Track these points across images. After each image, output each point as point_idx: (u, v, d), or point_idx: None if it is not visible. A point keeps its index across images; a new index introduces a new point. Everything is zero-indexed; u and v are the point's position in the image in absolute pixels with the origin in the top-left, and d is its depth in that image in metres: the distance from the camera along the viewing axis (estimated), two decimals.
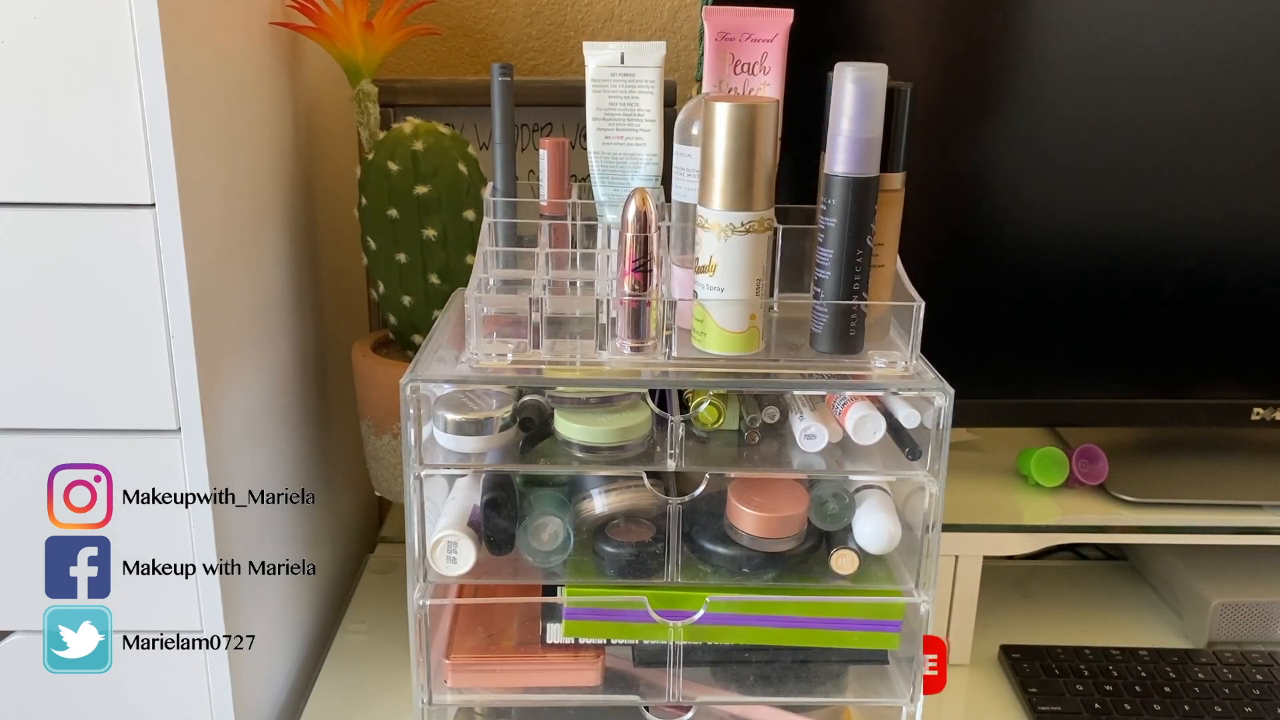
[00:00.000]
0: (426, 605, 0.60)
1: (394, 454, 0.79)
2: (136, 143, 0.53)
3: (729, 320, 0.58)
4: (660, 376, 0.59)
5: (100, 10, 0.51)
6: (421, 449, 0.58)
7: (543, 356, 0.59)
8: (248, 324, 0.67)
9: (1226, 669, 0.77)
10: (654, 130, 0.65)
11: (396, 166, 0.74)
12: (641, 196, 0.57)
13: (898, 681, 0.64)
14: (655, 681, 0.64)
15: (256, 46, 0.69)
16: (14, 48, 0.52)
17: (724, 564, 0.61)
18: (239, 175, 0.66)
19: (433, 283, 0.77)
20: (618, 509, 0.62)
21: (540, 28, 1.00)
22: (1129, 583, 0.92)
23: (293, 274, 0.76)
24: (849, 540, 0.61)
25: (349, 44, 0.75)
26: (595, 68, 0.64)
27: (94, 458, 0.59)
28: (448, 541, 0.59)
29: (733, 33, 0.62)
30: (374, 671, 0.77)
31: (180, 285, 0.56)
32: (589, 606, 0.62)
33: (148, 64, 0.52)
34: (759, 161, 0.55)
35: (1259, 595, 0.82)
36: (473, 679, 0.64)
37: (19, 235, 0.55)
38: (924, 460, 0.59)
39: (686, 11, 0.99)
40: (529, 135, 0.94)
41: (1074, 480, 0.84)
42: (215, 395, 0.60)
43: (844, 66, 0.55)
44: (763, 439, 0.62)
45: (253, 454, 0.67)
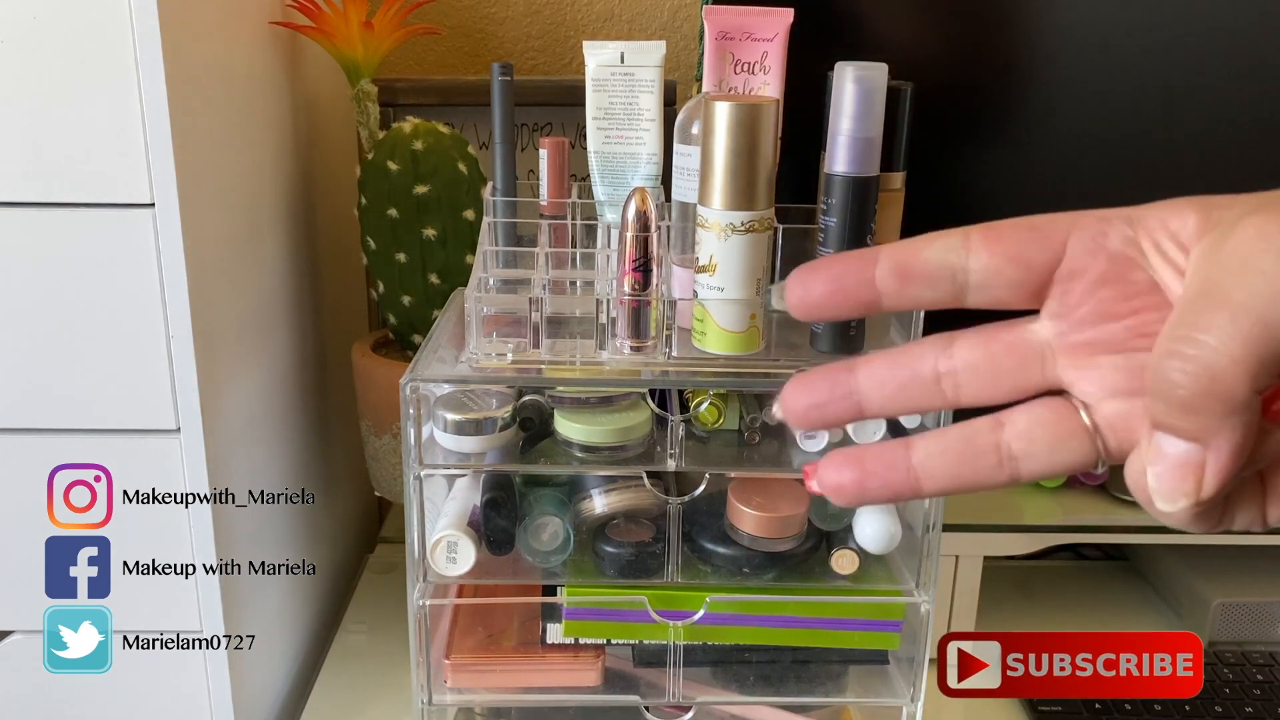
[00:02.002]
0: (426, 605, 0.60)
1: (394, 454, 0.79)
2: (136, 143, 0.53)
3: (729, 320, 0.58)
4: (660, 376, 0.59)
5: (100, 10, 0.51)
6: (421, 449, 0.58)
7: (543, 356, 0.59)
8: (247, 324, 0.67)
9: (1227, 669, 0.77)
10: (654, 130, 0.65)
11: (396, 166, 0.74)
12: (641, 196, 0.57)
13: (898, 681, 0.64)
14: (655, 681, 0.64)
15: (256, 46, 0.69)
16: (14, 47, 0.52)
17: (724, 564, 0.61)
18: (239, 175, 0.66)
19: (432, 282, 0.77)
20: (618, 509, 0.62)
21: (540, 27, 1.00)
22: (1129, 583, 0.92)
23: (292, 274, 0.76)
24: (849, 540, 0.61)
25: (349, 43, 0.75)
26: (595, 67, 0.64)
27: (94, 458, 0.59)
28: (448, 541, 0.59)
29: (733, 32, 0.62)
30: (374, 671, 0.77)
31: (180, 285, 0.56)
32: (589, 606, 0.62)
33: (147, 64, 0.52)
34: (759, 161, 0.55)
35: (1259, 595, 0.82)
36: (473, 679, 0.64)
37: (19, 235, 0.55)
38: None
39: (686, 11, 0.99)
40: (529, 135, 0.94)
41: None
42: (215, 395, 0.60)
43: (844, 66, 0.55)
44: (763, 439, 0.62)
45: (252, 454, 0.67)
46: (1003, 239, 0.29)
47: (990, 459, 0.29)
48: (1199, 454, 0.25)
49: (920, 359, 0.30)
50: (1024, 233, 0.29)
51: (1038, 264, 0.28)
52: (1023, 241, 0.29)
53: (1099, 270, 0.28)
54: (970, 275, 0.29)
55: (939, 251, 0.29)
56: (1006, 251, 0.29)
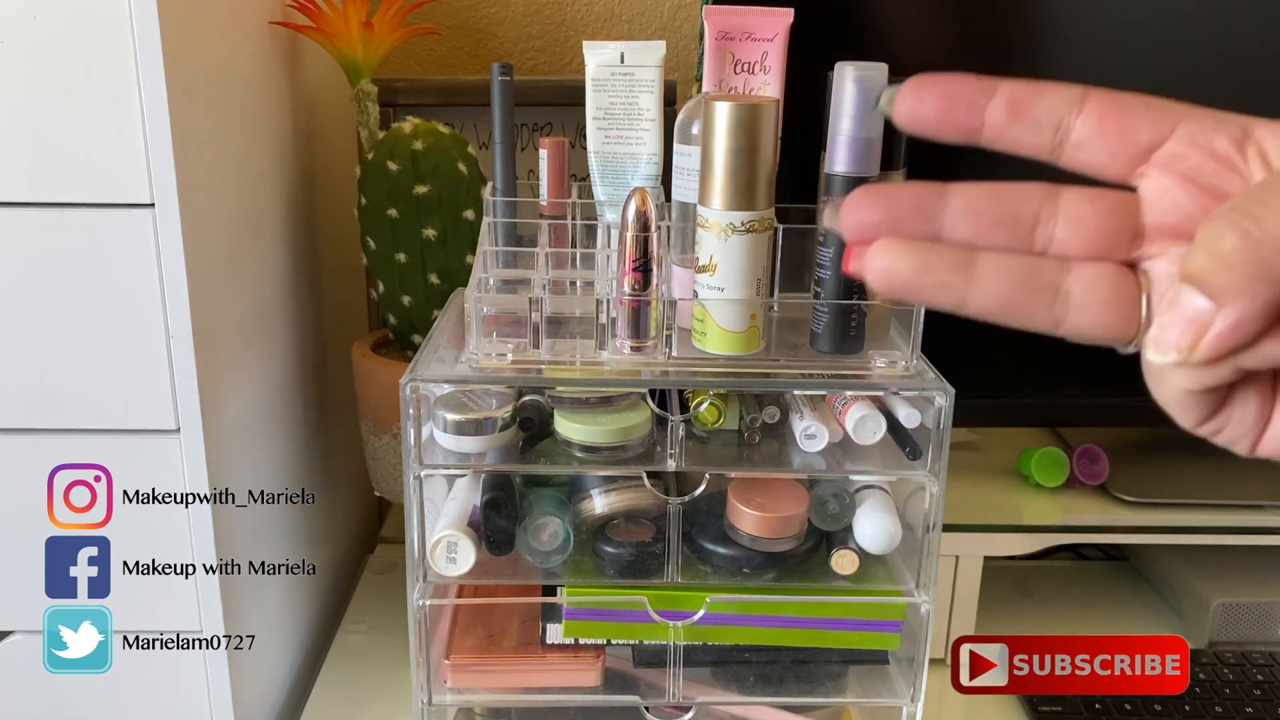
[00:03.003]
0: (426, 605, 0.60)
1: (394, 454, 0.79)
2: (136, 143, 0.53)
3: (729, 320, 0.58)
4: (660, 376, 0.59)
5: (100, 10, 0.51)
6: (421, 449, 0.58)
7: (543, 356, 0.59)
8: (247, 324, 0.67)
9: (1227, 669, 0.77)
10: (654, 130, 0.65)
11: (396, 166, 0.74)
12: (641, 196, 0.57)
13: (898, 681, 0.64)
14: (655, 682, 0.64)
15: (256, 46, 0.69)
16: (14, 47, 0.52)
17: (724, 564, 0.61)
18: (239, 175, 0.66)
19: (432, 282, 0.77)
20: (618, 509, 0.62)
21: (540, 27, 1.00)
22: (1129, 583, 0.92)
23: (292, 274, 0.76)
24: (849, 540, 0.61)
25: (349, 44, 0.75)
26: (595, 67, 0.64)
27: (94, 458, 0.59)
28: (448, 541, 0.59)
29: (733, 32, 0.62)
30: (374, 671, 0.77)
31: (180, 285, 0.56)
32: (589, 607, 0.62)
33: (147, 64, 0.52)
34: (759, 161, 0.55)
35: (1259, 595, 0.82)
36: (473, 679, 0.64)
37: (19, 235, 0.55)
38: (924, 460, 0.59)
39: (686, 11, 0.99)
40: (529, 135, 0.94)
41: (1074, 480, 0.84)
42: (215, 395, 0.60)
43: (844, 66, 0.55)
44: (763, 439, 0.62)
45: (252, 454, 0.67)
46: (1116, 109, 0.29)
47: (1046, 296, 0.29)
48: (1210, 313, 0.25)
49: (1025, 199, 0.30)
50: (1139, 107, 0.29)
51: (1141, 140, 0.29)
52: (1134, 114, 0.29)
53: (1197, 161, 0.29)
54: (1073, 133, 0.29)
55: (1054, 100, 0.30)
56: (1117, 121, 0.29)
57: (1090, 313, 0.29)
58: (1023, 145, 0.30)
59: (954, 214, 0.30)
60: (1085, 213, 0.30)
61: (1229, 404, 0.28)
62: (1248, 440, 0.28)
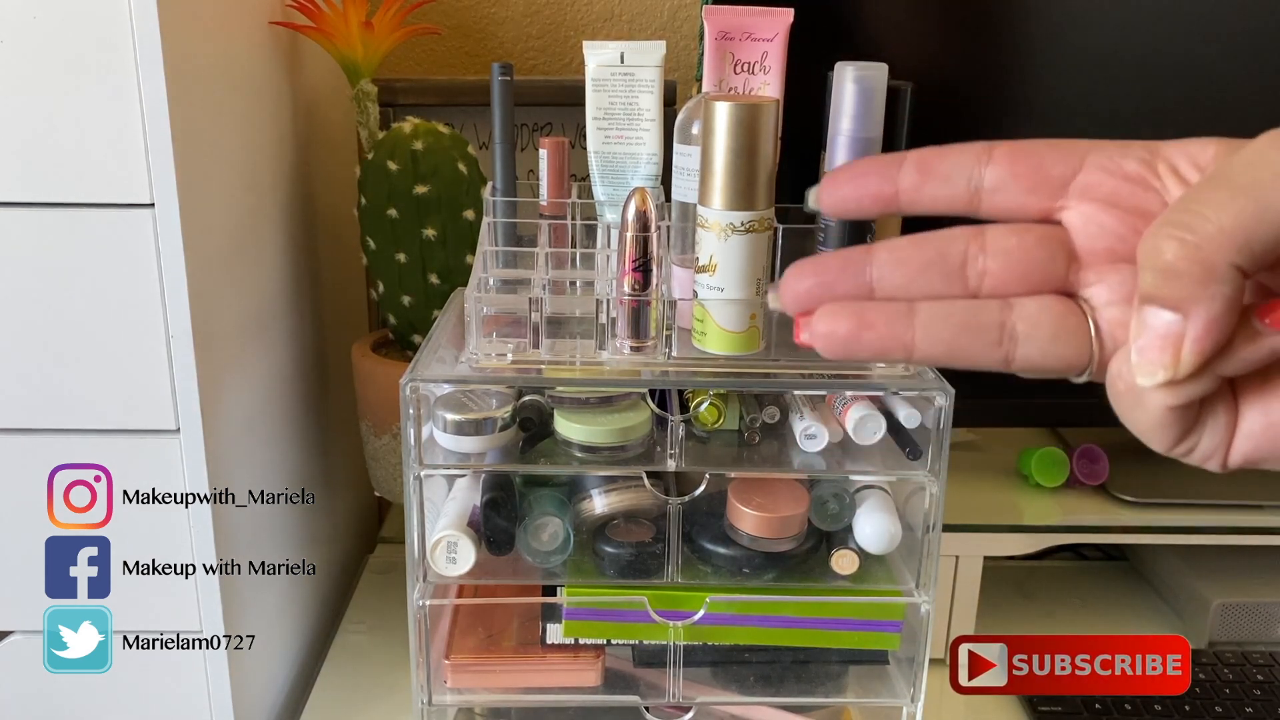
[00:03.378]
0: (426, 605, 0.60)
1: (394, 454, 0.79)
2: (136, 143, 0.53)
3: (729, 320, 0.58)
4: (660, 376, 0.59)
5: (100, 10, 0.51)
6: (421, 449, 0.58)
7: (542, 356, 0.59)
8: (247, 324, 0.67)
9: (1227, 669, 0.77)
10: (654, 130, 0.65)
11: (396, 166, 0.74)
12: (641, 196, 0.57)
13: (898, 681, 0.64)
14: (655, 682, 0.64)
15: (256, 46, 0.69)
16: (14, 47, 0.52)
17: (724, 564, 0.61)
18: (239, 175, 0.66)
19: (432, 283, 0.77)
20: (618, 509, 0.62)
21: (540, 27, 1.00)
22: (1129, 583, 0.92)
23: (292, 274, 0.76)
24: (849, 540, 0.61)
25: (349, 44, 0.75)
26: (595, 67, 0.64)
27: (94, 458, 0.59)
28: (447, 541, 0.59)
29: (733, 32, 0.62)
30: (374, 671, 0.77)
31: (180, 285, 0.56)
32: (589, 607, 0.62)
33: (147, 64, 0.52)
34: (759, 161, 0.55)
35: (1259, 595, 0.82)
36: (473, 679, 0.64)
37: (19, 235, 0.55)
38: (924, 460, 0.59)
39: (686, 11, 0.99)
40: (529, 135, 0.94)
41: (1074, 480, 0.84)
42: (214, 395, 0.60)
43: (844, 66, 0.55)
44: (763, 439, 0.62)
45: (252, 454, 0.67)
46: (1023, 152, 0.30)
47: (992, 335, 0.30)
48: (1179, 325, 0.26)
49: (950, 241, 0.31)
50: (1045, 148, 0.30)
51: (1054, 175, 0.30)
52: (1042, 154, 0.30)
53: (1112, 186, 0.29)
54: (986, 180, 0.30)
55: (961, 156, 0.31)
56: (1026, 162, 0.30)
57: (1039, 345, 0.30)
58: (941, 202, 0.31)
59: (881, 265, 0.31)
60: (1012, 245, 0.30)
61: (1200, 420, 0.28)
62: (1219, 455, 0.28)
